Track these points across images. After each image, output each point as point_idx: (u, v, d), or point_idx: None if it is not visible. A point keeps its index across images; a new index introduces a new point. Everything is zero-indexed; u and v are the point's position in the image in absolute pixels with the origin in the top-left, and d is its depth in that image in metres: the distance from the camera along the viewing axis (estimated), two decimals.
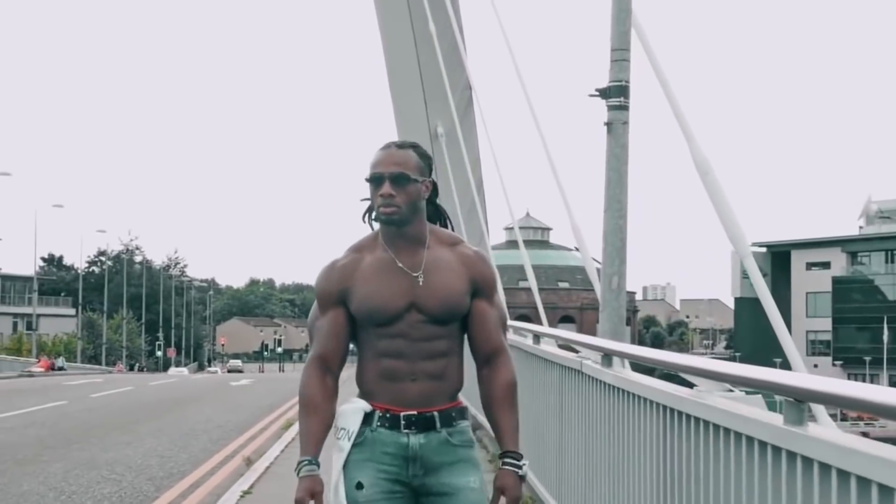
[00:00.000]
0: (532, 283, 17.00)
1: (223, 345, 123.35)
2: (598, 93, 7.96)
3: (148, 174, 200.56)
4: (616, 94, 7.93)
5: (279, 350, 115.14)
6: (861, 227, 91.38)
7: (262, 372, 76.83)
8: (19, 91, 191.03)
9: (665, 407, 3.79)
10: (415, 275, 3.01)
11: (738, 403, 3.23)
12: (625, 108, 8.00)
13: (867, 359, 77.77)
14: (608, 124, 7.98)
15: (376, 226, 3.10)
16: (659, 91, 9.42)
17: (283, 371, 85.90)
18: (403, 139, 3.19)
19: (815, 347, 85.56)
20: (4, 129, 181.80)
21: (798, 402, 2.64)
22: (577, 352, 6.22)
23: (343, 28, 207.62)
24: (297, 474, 2.97)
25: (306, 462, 2.97)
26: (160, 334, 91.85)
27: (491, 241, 37.43)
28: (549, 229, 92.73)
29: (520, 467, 3.05)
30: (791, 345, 7.66)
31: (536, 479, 7.01)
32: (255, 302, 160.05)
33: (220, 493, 8.62)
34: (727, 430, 3.07)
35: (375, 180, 3.01)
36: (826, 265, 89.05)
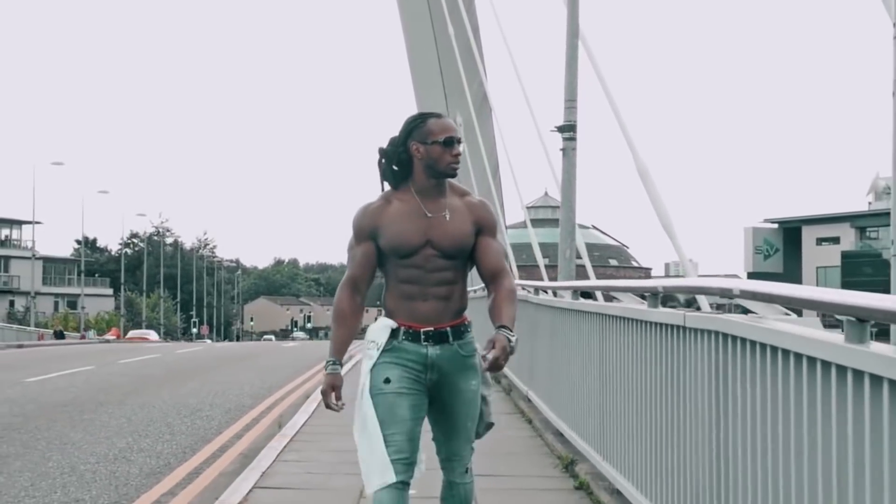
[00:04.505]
0: (539, 259, 21.08)
1: (252, 323, 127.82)
2: (556, 129, 12.24)
3: (178, 158, 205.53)
4: (568, 129, 12.23)
5: (308, 326, 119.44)
6: (870, 203, 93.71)
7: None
8: (60, 82, 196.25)
9: (555, 308, 8.37)
10: (440, 215, 3.63)
11: (575, 300, 7.50)
12: (574, 139, 12.30)
13: (873, 330, 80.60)
14: (563, 150, 12.28)
15: (386, 186, 3.71)
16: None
17: (312, 340, 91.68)
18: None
19: (825, 320, 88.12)
20: (50, 119, 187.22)
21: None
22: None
23: (366, 20, 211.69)
24: (325, 370, 3.71)
25: (332, 362, 3.69)
26: (193, 312, 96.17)
27: (512, 220, 41.11)
28: None
29: (511, 337, 3.51)
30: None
31: (515, 376, 11.24)
32: (281, 281, 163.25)
33: (315, 388, 12.89)
34: (603, 315, 7.31)
35: (450, 142, 3.63)
36: (836, 240, 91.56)
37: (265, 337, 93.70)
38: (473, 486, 3.81)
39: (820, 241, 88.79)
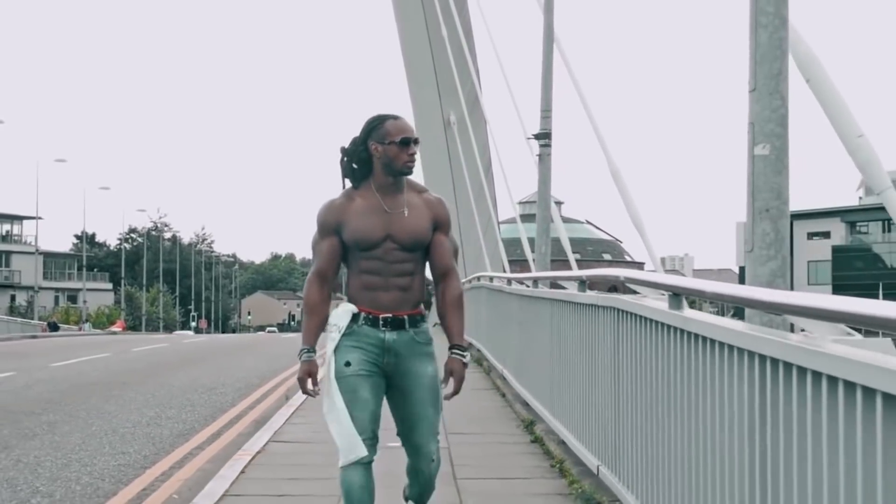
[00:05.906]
0: (528, 254, 22.50)
1: (249, 317, 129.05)
2: (533, 136, 13.74)
3: (177, 155, 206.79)
4: (543, 137, 13.71)
5: None
6: (860, 198, 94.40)
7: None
8: (63, 81, 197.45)
9: (521, 295, 9.70)
10: (399, 211, 3.87)
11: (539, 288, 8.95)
12: (549, 145, 13.78)
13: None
14: (539, 156, 13.77)
15: (348, 183, 3.96)
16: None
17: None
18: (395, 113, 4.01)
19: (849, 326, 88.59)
20: (54, 117, 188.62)
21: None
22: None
23: (362, 19, 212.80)
24: (300, 359, 3.88)
25: (306, 350, 3.90)
26: (192, 306, 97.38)
27: (506, 216, 42.13)
28: (560, 203, 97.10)
29: (464, 356, 3.95)
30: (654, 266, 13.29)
31: (493, 358, 12.66)
32: (278, 276, 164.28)
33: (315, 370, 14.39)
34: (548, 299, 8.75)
35: (407, 142, 3.86)
36: (826, 235, 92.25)
37: (269, 329, 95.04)
38: (439, 464, 4.06)
39: (811, 235, 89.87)
